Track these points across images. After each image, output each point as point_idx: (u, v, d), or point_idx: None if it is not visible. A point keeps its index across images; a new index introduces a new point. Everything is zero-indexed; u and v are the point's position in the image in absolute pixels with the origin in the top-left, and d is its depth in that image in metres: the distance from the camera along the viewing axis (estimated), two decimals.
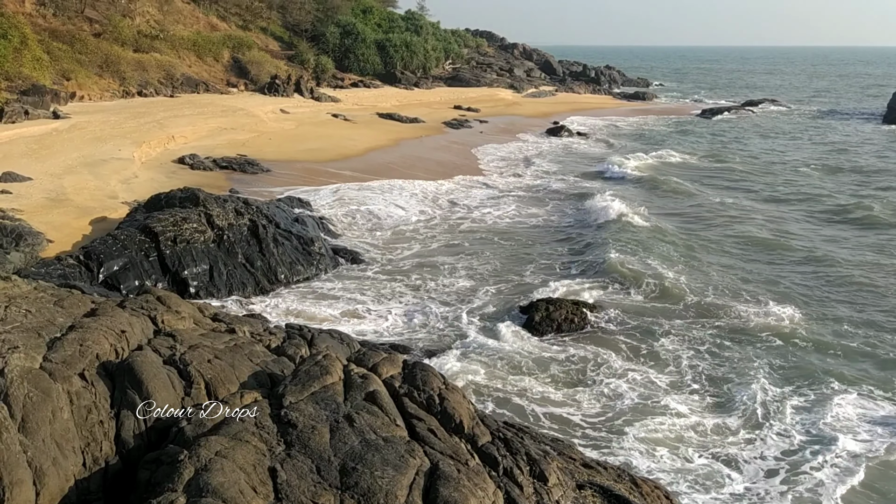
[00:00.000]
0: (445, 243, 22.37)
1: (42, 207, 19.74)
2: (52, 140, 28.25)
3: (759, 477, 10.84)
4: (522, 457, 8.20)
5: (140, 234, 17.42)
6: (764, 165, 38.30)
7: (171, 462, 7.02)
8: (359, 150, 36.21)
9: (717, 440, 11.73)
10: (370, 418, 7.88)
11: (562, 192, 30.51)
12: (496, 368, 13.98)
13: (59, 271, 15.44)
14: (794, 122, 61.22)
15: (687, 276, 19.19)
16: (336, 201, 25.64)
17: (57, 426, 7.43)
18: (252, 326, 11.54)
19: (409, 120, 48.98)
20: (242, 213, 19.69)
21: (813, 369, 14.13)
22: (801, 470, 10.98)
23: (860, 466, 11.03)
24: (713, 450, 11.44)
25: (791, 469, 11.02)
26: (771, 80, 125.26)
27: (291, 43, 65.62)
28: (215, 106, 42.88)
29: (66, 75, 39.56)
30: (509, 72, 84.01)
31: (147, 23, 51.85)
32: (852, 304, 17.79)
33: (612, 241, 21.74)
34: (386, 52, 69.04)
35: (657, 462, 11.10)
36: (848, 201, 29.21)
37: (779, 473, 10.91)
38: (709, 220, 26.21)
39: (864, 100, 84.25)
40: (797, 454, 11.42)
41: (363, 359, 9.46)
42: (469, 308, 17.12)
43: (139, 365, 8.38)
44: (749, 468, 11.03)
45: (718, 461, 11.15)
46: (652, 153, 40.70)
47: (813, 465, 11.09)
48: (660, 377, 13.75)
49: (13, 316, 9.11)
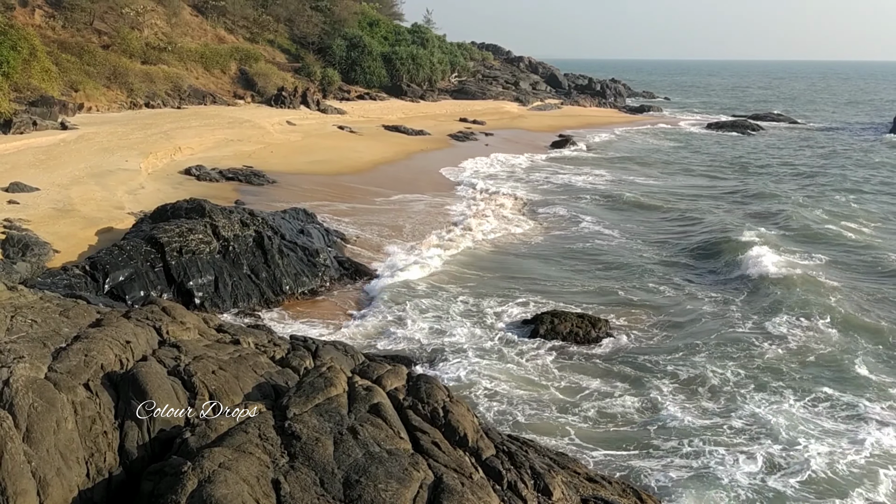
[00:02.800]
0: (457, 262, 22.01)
1: (49, 218, 19.83)
2: (60, 151, 28.40)
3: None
4: (527, 470, 8.17)
5: (146, 245, 17.47)
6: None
7: (175, 473, 7.01)
8: (365, 162, 36.32)
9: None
10: (374, 430, 7.86)
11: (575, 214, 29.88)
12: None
13: (65, 281, 15.47)
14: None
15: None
16: (343, 214, 25.67)
17: (61, 436, 7.44)
18: (257, 338, 11.55)
19: (414, 132, 49.13)
20: (248, 224, 19.73)
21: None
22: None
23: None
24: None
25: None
26: (777, 94, 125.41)
27: (298, 55, 66.01)
28: (222, 117, 43.09)
29: (74, 86, 39.85)
30: (515, 85, 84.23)
31: (155, 35, 52.23)
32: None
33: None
34: (392, 65, 69.36)
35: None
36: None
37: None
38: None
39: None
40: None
41: (367, 371, 9.45)
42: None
43: (143, 375, 8.39)
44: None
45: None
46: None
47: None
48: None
49: (19, 326, 9.14)
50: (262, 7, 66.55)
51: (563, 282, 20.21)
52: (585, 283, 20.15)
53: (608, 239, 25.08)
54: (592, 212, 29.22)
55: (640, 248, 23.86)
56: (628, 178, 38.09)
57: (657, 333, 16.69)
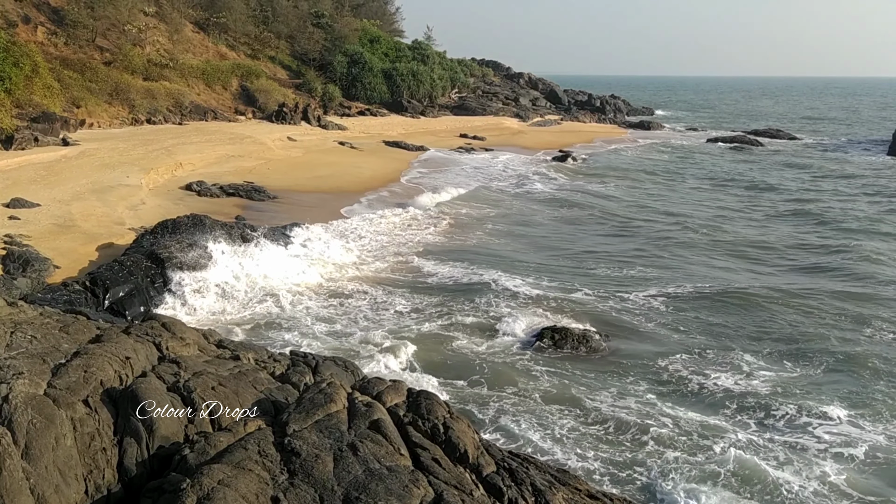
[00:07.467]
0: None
1: (49, 233, 19.85)
2: (61, 167, 28.48)
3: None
4: (527, 487, 8.13)
5: (146, 261, 17.49)
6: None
7: (174, 491, 6.97)
8: (365, 178, 36.40)
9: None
10: (374, 447, 7.83)
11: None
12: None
13: (65, 297, 15.47)
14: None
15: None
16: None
17: (60, 453, 7.41)
18: (257, 353, 11.54)
19: (415, 148, 49.28)
20: (249, 239, 19.76)
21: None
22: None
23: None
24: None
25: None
26: (775, 110, 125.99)
27: (299, 71, 66.35)
28: (223, 133, 43.25)
29: (76, 103, 40.01)
30: (515, 101, 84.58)
31: (157, 52, 52.51)
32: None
33: None
34: (393, 81, 69.71)
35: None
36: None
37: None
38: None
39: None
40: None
41: (367, 387, 9.43)
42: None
43: (143, 392, 8.37)
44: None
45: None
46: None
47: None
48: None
49: (18, 342, 9.13)
50: (263, 24, 67.00)
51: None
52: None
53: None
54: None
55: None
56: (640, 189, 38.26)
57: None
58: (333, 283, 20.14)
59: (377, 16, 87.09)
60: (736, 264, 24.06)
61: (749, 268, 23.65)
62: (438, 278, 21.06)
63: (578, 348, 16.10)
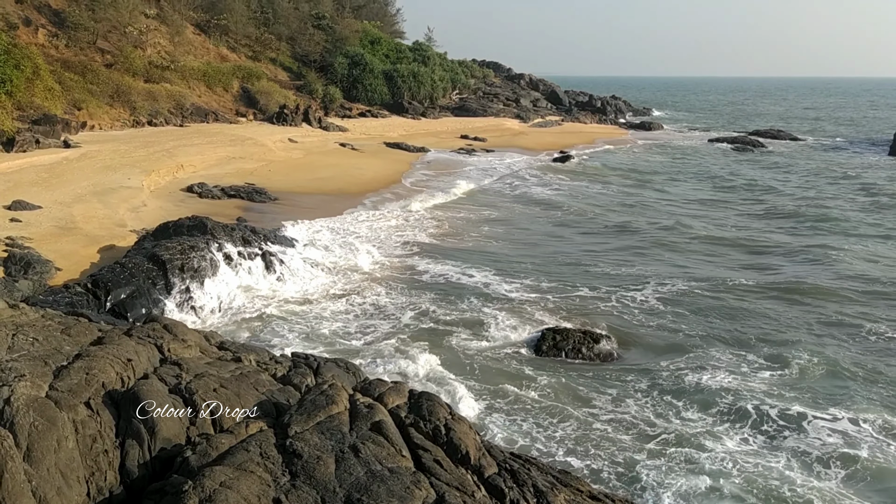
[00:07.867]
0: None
1: (51, 235, 19.86)
2: (63, 169, 28.51)
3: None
4: (529, 489, 8.13)
5: (148, 263, 17.49)
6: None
7: (176, 493, 6.97)
8: (366, 180, 36.43)
9: None
10: (376, 449, 7.83)
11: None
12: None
13: (67, 299, 15.47)
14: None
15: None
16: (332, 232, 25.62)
17: (62, 455, 7.41)
18: (258, 355, 11.54)
19: (416, 149, 49.31)
20: (250, 241, 19.78)
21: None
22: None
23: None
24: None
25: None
26: (776, 110, 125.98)
27: (300, 73, 66.41)
28: (224, 135, 43.28)
29: (77, 105, 40.05)
30: (516, 102, 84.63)
31: (158, 54, 52.58)
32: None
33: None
34: (393, 83, 69.76)
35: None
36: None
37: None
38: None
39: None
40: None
41: (369, 388, 9.42)
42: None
43: (145, 394, 8.37)
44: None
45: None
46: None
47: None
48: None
49: (20, 344, 9.14)
50: (264, 26, 67.08)
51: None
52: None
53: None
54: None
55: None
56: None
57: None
58: (334, 284, 20.16)
59: (378, 17, 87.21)
60: (737, 264, 24.06)
61: (750, 268, 23.64)
62: (438, 279, 21.08)
63: (580, 349, 16.11)
